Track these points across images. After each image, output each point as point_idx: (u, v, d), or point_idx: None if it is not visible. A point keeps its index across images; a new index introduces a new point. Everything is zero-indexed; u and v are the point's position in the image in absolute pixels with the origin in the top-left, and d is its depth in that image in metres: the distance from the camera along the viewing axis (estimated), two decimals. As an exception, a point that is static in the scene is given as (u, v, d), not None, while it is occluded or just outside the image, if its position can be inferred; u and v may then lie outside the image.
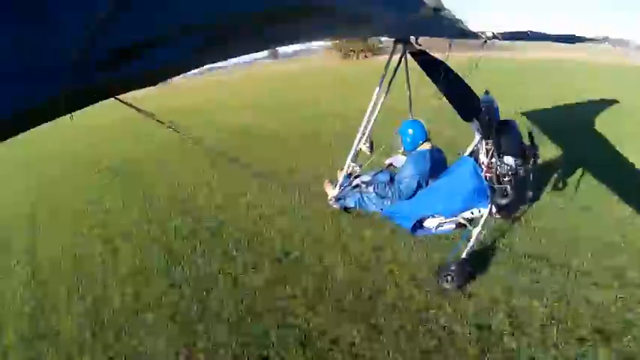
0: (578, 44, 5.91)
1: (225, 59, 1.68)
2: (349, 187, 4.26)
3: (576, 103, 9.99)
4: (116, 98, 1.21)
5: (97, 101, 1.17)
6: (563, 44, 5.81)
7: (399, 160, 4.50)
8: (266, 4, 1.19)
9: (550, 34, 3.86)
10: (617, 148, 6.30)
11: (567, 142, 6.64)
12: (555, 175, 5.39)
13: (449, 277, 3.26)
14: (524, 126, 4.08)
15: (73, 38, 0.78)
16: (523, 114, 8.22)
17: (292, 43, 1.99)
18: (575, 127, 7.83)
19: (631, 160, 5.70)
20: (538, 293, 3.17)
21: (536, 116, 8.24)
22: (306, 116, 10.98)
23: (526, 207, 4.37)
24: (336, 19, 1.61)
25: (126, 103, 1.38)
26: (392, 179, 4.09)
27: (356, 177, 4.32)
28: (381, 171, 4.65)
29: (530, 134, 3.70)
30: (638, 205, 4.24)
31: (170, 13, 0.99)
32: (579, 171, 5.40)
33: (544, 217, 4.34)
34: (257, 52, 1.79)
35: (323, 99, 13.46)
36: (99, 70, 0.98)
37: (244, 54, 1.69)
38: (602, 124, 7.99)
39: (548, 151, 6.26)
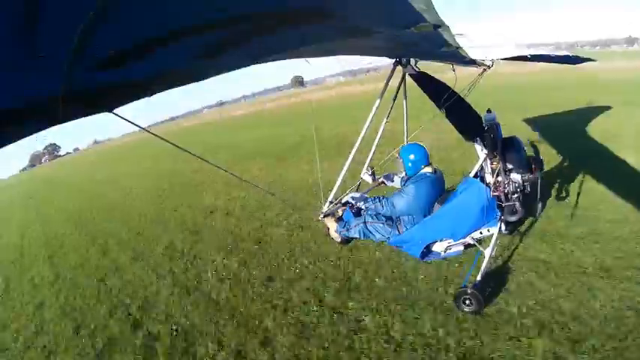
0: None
1: (223, 72, 1.64)
2: (339, 205, 4.20)
3: None
4: (114, 113, 1.17)
5: (93, 113, 1.12)
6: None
7: (390, 177, 4.57)
8: (266, 6, 1.17)
9: (550, 55, 3.89)
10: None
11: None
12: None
13: (467, 302, 3.10)
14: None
15: (60, 47, 0.76)
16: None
17: (291, 57, 1.98)
18: None
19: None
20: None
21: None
22: None
23: (537, 217, 4.24)
24: (336, 28, 1.60)
25: (123, 118, 1.33)
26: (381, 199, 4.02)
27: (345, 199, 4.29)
28: (371, 188, 4.71)
29: (534, 148, 3.68)
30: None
31: (161, 17, 0.95)
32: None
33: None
34: (256, 63, 1.76)
35: None
36: (88, 74, 0.95)
37: (242, 66, 1.67)
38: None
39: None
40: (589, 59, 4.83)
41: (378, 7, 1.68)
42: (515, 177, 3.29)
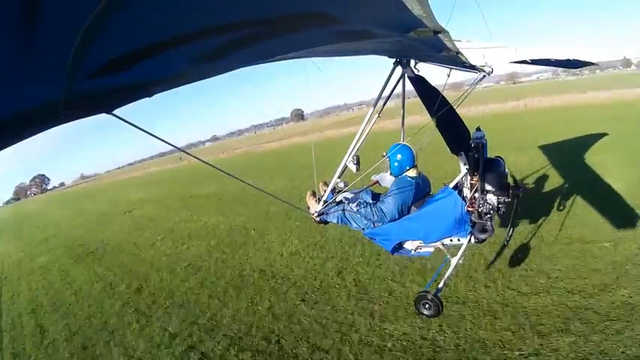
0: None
1: (223, 72, 1.61)
2: (333, 204, 4.25)
3: None
4: (113, 114, 1.15)
5: (93, 113, 1.10)
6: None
7: (384, 178, 4.57)
8: (267, 11, 1.15)
9: (551, 59, 3.91)
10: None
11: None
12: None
13: (427, 306, 3.26)
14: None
15: (62, 49, 0.75)
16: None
17: (289, 58, 1.96)
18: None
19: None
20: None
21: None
22: None
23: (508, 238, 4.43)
24: (336, 32, 1.59)
25: (122, 119, 1.31)
26: (374, 199, 4.11)
27: (338, 192, 4.32)
28: (365, 188, 4.69)
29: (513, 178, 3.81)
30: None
31: (163, 21, 0.95)
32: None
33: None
34: (255, 64, 1.74)
35: None
36: (88, 80, 0.94)
37: (242, 66, 1.64)
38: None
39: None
40: (590, 63, 4.88)
41: (378, 12, 1.67)
42: (492, 199, 3.39)
